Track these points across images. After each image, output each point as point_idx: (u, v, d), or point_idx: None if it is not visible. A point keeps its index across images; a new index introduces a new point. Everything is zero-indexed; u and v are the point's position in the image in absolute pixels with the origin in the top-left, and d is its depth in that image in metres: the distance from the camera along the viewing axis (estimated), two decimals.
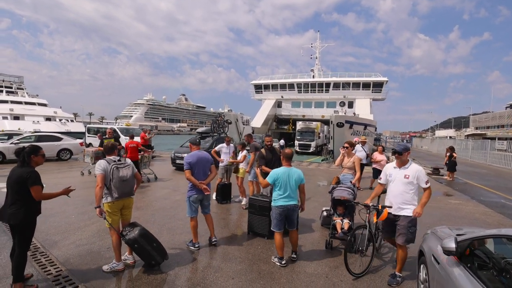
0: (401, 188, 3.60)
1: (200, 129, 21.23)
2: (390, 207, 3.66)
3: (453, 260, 2.60)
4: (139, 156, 9.65)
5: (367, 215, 3.95)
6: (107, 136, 10.11)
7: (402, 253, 3.67)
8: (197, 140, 4.72)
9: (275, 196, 4.05)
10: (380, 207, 3.76)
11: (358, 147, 9.42)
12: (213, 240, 4.67)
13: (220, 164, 7.69)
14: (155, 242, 3.79)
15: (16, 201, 3.09)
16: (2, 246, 4.26)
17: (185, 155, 4.62)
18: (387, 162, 9.34)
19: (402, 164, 3.68)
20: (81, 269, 3.71)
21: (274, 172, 4.08)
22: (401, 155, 3.65)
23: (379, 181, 4.00)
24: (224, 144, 7.82)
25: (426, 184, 3.55)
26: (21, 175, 3.08)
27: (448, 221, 6.53)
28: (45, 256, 4.03)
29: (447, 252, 2.52)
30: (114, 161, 3.67)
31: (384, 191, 4.00)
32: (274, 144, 6.78)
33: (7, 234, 4.64)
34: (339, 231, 4.57)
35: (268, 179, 4.07)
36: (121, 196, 3.64)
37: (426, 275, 3.15)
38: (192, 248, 4.47)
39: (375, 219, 3.81)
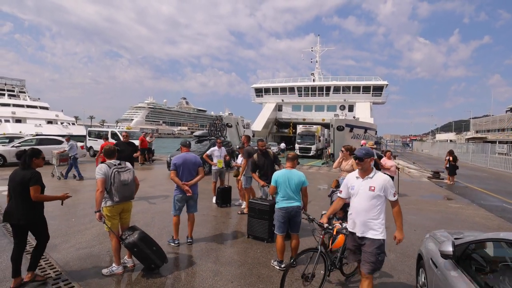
0: (366, 204, 2.96)
1: (197, 133, 21.16)
2: (347, 234, 3.15)
3: (450, 264, 2.61)
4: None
5: (321, 236, 3.37)
6: (122, 140, 9.01)
7: (368, 285, 2.96)
8: (187, 142, 4.92)
9: (278, 199, 4.06)
10: (334, 232, 3.19)
11: None
12: (188, 240, 4.79)
13: (213, 168, 7.68)
14: (155, 246, 3.80)
15: (23, 202, 3.16)
16: (2, 249, 4.27)
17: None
18: (397, 168, 9.10)
19: (365, 173, 3.04)
20: (80, 272, 3.72)
21: (275, 175, 4.11)
22: (362, 161, 3.02)
23: (339, 194, 3.34)
24: (216, 148, 7.74)
25: (394, 196, 2.97)
26: (24, 176, 3.15)
27: (448, 224, 6.52)
28: (44, 259, 4.02)
29: (444, 255, 2.53)
30: (115, 165, 3.69)
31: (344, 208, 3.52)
32: (273, 148, 6.73)
33: (7, 237, 4.66)
34: None
35: (271, 183, 4.10)
36: (121, 200, 3.67)
37: (425, 279, 3.15)
38: (172, 244, 4.64)
39: (329, 245, 3.25)
